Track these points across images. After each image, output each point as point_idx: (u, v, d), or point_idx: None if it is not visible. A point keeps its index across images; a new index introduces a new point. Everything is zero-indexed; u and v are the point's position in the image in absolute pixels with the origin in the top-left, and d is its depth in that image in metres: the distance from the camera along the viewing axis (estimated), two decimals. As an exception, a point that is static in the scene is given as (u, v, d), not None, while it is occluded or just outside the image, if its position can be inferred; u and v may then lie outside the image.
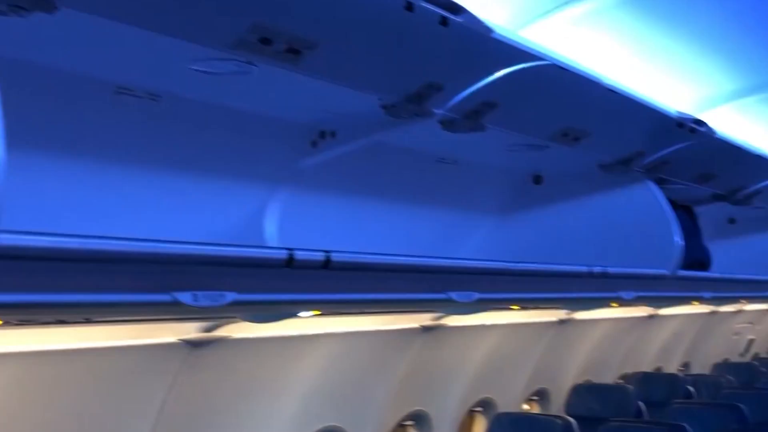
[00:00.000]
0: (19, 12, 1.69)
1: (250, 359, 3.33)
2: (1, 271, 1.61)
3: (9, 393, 2.47)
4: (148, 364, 2.92)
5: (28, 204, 1.95)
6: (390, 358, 3.86)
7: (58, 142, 2.25)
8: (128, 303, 1.88)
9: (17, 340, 2.36)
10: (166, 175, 2.60)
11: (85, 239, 1.72)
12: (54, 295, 1.73)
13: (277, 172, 2.93)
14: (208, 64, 2.19)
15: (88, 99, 2.24)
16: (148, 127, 2.44)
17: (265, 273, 2.19)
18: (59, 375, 2.58)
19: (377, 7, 2.08)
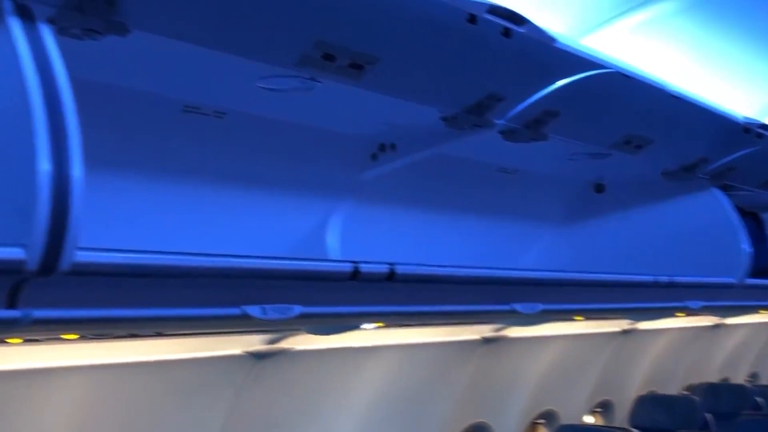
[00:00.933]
0: (94, 36, 1.74)
1: (313, 371, 3.36)
2: (78, 287, 1.67)
3: (84, 404, 2.54)
4: (214, 376, 2.97)
5: (100, 221, 2.00)
6: (451, 369, 3.85)
7: (127, 160, 2.31)
8: (199, 317, 1.91)
9: (91, 353, 2.43)
10: (231, 190, 2.65)
11: (157, 255, 1.77)
12: (128, 310, 1.78)
13: (339, 186, 2.95)
14: (273, 81, 2.22)
15: (156, 118, 2.30)
16: (214, 143, 2.49)
17: (330, 286, 2.21)
18: (131, 387, 2.64)
19: (439, 21, 2.09)
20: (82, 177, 1.54)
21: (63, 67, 1.56)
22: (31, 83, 1.52)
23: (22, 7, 1.58)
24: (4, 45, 1.55)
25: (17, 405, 2.47)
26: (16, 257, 1.51)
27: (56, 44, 1.58)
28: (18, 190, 1.53)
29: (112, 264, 1.66)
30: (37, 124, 1.51)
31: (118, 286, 1.74)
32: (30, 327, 1.63)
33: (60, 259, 1.55)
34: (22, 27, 1.56)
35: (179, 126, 2.37)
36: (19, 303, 1.60)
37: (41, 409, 2.51)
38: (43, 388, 2.48)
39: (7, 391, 2.38)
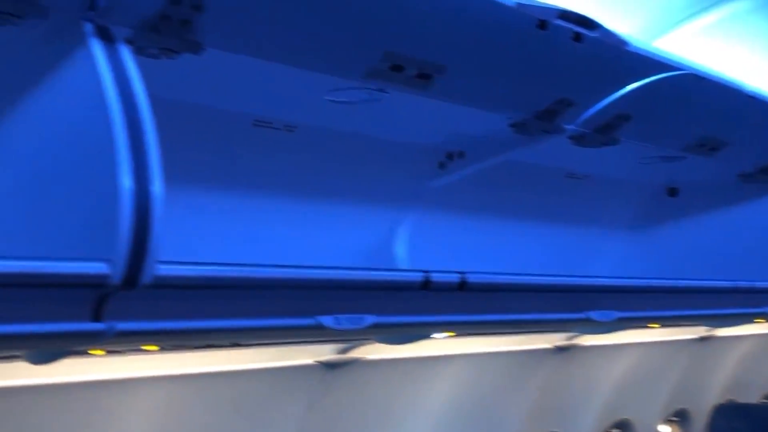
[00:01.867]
0: (170, 54, 1.79)
1: (384, 380, 3.37)
2: (159, 300, 1.71)
3: (163, 414, 2.60)
4: (287, 386, 3.01)
5: (177, 234, 2.05)
6: (522, 379, 3.81)
7: (201, 175, 2.36)
8: (274, 327, 1.94)
9: (170, 364, 2.49)
10: (302, 203, 2.68)
11: (233, 267, 1.80)
12: (206, 322, 1.82)
13: (407, 195, 2.96)
14: (342, 93, 2.25)
15: (228, 133, 2.34)
16: (285, 157, 2.53)
17: (401, 295, 2.21)
18: (208, 396, 2.70)
19: (509, 28, 2.08)
20: (163, 192, 1.58)
21: (142, 85, 1.61)
22: (112, 102, 1.57)
23: (103, 29, 1.64)
24: (86, 66, 1.61)
25: (100, 415, 2.55)
26: (101, 272, 1.56)
27: (135, 64, 1.63)
28: (101, 206, 1.58)
29: (191, 277, 1.70)
30: (118, 141, 1.55)
31: (197, 298, 1.78)
32: (114, 339, 1.68)
33: (142, 272, 1.59)
34: (102, 48, 1.62)
35: (251, 140, 2.42)
36: (103, 316, 1.65)
37: (123, 418, 2.58)
38: (124, 398, 2.55)
39: (90, 400, 2.46)
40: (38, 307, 1.59)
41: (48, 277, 1.54)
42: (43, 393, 2.40)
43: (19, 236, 1.80)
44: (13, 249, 1.80)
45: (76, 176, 1.64)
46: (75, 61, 1.63)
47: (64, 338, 1.66)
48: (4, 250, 1.83)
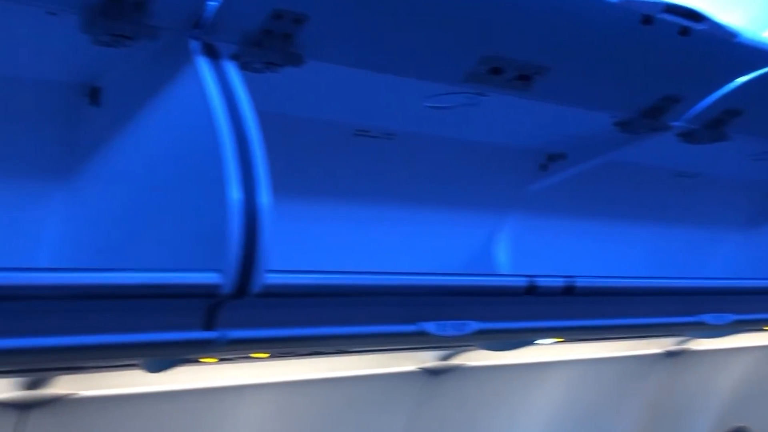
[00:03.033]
0: (273, 68, 1.83)
1: (487, 387, 3.34)
2: (269, 308, 1.75)
3: (271, 420, 2.66)
4: (392, 392, 3.02)
5: (283, 244, 2.09)
6: (631, 385, 3.70)
7: (304, 186, 2.40)
8: (378, 334, 1.95)
9: (277, 371, 2.54)
10: (401, 209, 2.69)
11: (339, 275, 1.82)
12: (315, 329, 1.84)
13: (507, 199, 2.92)
14: (441, 99, 2.24)
15: (329, 143, 2.37)
16: (385, 165, 2.54)
17: (505, 301, 2.18)
18: (315, 403, 2.74)
19: (611, 25, 2.02)
20: (271, 203, 1.61)
21: (248, 100, 1.65)
22: (219, 117, 1.62)
23: (209, 46, 1.69)
24: (194, 82, 1.66)
25: (211, 420, 2.62)
26: (212, 281, 1.61)
27: (240, 79, 1.68)
28: (211, 218, 1.63)
29: (298, 285, 1.73)
30: (226, 154, 1.60)
31: (304, 306, 1.81)
32: (226, 347, 1.73)
33: (252, 281, 1.63)
34: (209, 64, 1.67)
35: (351, 150, 2.44)
36: (216, 325, 1.70)
37: (232, 424, 2.65)
38: (234, 404, 2.62)
39: (202, 407, 2.54)
40: (153, 316, 1.65)
41: (162, 287, 1.60)
42: (158, 400, 2.49)
43: (133, 248, 1.88)
44: (127, 261, 1.88)
45: (186, 189, 1.69)
46: (183, 78, 1.69)
47: (178, 346, 1.72)
48: (118, 262, 1.91)
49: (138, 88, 1.82)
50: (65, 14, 1.60)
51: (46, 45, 1.76)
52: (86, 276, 1.55)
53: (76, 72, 1.94)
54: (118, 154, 1.92)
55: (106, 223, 1.98)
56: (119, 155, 1.91)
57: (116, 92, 1.93)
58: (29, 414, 2.38)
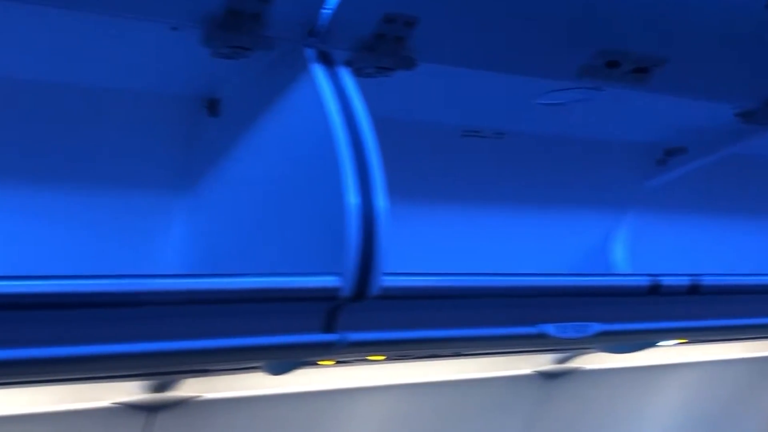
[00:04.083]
0: (385, 72, 1.84)
1: (604, 391, 3.25)
2: (386, 310, 1.76)
3: (387, 423, 2.68)
4: (507, 396, 2.99)
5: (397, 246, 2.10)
6: (759, 388, 3.52)
7: (414, 189, 2.41)
8: (496, 336, 1.93)
9: (393, 373, 2.55)
10: (513, 209, 2.65)
11: (456, 277, 1.81)
12: (432, 331, 1.84)
13: (623, 196, 2.84)
14: (553, 96, 2.20)
15: (438, 145, 2.37)
16: (494, 165, 2.51)
17: (627, 301, 2.12)
18: (430, 406, 2.74)
19: (733, 10, 1.93)
20: (387, 207, 1.62)
21: (363, 105, 1.67)
22: (335, 123, 1.64)
23: (323, 54, 1.72)
24: (310, 89, 1.69)
25: (328, 422, 2.66)
26: (332, 285, 1.63)
27: (355, 84, 1.69)
28: (329, 223, 1.65)
29: (416, 287, 1.73)
30: (343, 160, 1.62)
31: (422, 309, 1.81)
32: (346, 349, 1.75)
33: (370, 284, 1.64)
34: (324, 71, 1.69)
35: (460, 151, 2.43)
36: (336, 327, 1.72)
37: (348, 426, 2.68)
38: (350, 406, 2.65)
39: (319, 409, 2.58)
40: (275, 320, 1.69)
41: (284, 291, 1.63)
42: (277, 402, 2.55)
43: (253, 254, 1.92)
44: (247, 267, 1.92)
45: (304, 195, 1.72)
46: (299, 86, 1.72)
47: (300, 349, 1.75)
48: (239, 268, 1.96)
49: (255, 97, 1.87)
50: (187, 29, 1.66)
51: (168, 59, 1.83)
52: (211, 281, 1.60)
53: (195, 85, 2.01)
54: (237, 162, 1.97)
55: (226, 229, 2.04)
56: (238, 163, 1.97)
57: (234, 102, 1.98)
58: (156, 415, 2.47)
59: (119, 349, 1.55)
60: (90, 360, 1.54)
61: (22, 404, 2.25)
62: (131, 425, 2.46)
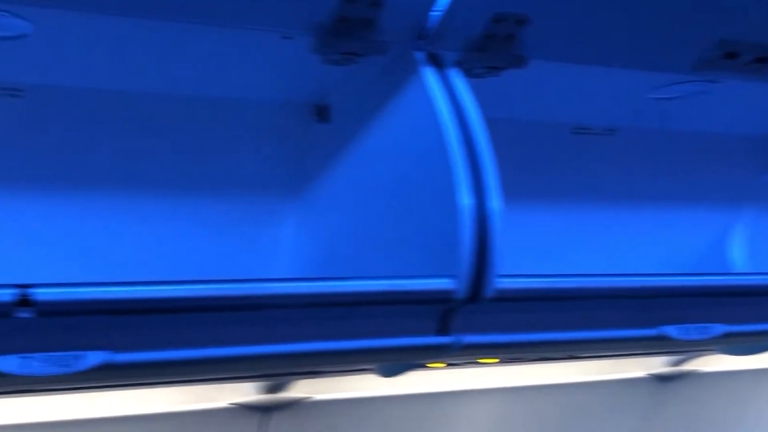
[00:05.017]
0: (494, 72, 1.83)
1: (722, 394, 3.12)
2: (501, 313, 1.74)
3: (494, 426, 2.65)
4: (618, 399, 2.91)
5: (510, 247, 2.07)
6: None
7: (523, 188, 2.38)
8: (615, 339, 1.88)
9: (501, 376, 2.53)
10: (624, 207, 2.59)
11: (571, 278, 1.77)
12: (546, 334, 1.81)
13: (740, 192, 2.72)
14: (667, 90, 2.13)
15: (548, 143, 2.33)
16: (605, 162, 2.45)
17: (752, 302, 2.03)
18: (539, 409, 2.69)
19: None
20: (502, 209, 1.61)
21: (475, 105, 1.66)
22: (447, 125, 1.63)
23: (433, 56, 1.72)
24: (421, 92, 1.69)
25: (438, 425, 2.66)
26: (446, 287, 1.63)
27: (466, 85, 1.69)
28: (442, 225, 1.64)
29: (531, 289, 1.70)
30: (455, 162, 1.61)
31: (536, 311, 1.78)
32: (460, 352, 1.74)
33: (484, 287, 1.63)
34: (434, 74, 1.69)
35: (569, 149, 2.38)
36: (449, 330, 1.72)
37: (458, 429, 2.67)
38: (460, 409, 2.64)
39: (429, 411, 2.58)
40: (389, 322, 1.70)
41: (398, 294, 1.64)
42: (387, 403, 2.56)
43: (364, 258, 1.94)
44: (358, 270, 1.94)
45: (416, 198, 1.72)
46: (410, 89, 1.73)
47: (414, 351, 1.75)
48: (349, 272, 1.98)
49: (365, 102, 1.88)
50: (298, 37, 1.69)
51: (280, 68, 1.87)
52: (326, 285, 1.62)
53: (305, 92, 2.04)
54: (347, 167, 2.00)
55: (337, 233, 2.06)
56: (349, 169, 1.99)
57: (344, 108, 2.01)
58: (270, 416, 2.53)
59: (238, 352, 1.59)
60: (210, 362, 1.59)
61: (144, 404, 2.34)
62: (246, 425, 2.52)
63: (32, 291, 1.34)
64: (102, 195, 1.97)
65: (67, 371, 1.44)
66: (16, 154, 1.86)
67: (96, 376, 1.48)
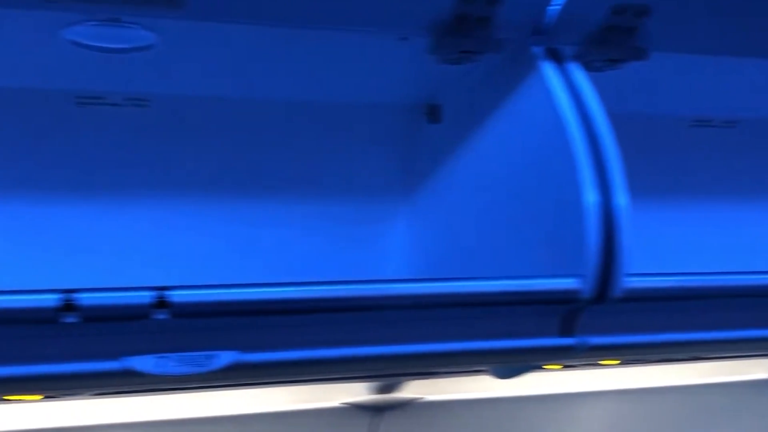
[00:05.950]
0: (614, 65, 1.78)
1: None
2: (627, 313, 1.69)
3: (616, 428, 2.59)
4: (738, 402, 2.79)
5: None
6: None
7: (641, 182, 2.30)
8: (748, 339, 1.80)
9: (622, 378, 2.46)
10: (746, 201, 2.48)
11: (703, 276, 1.71)
12: (674, 334, 1.75)
13: None
14: (794, 77, 2.03)
15: (666, 137, 2.26)
16: (725, 155, 2.36)
17: None
18: (660, 412, 2.61)
19: None
20: (629, 204, 1.56)
21: (597, 99, 1.62)
22: (569, 120, 1.60)
23: (552, 51, 1.69)
24: (540, 87, 1.66)
25: (550, 427, 2.61)
26: (571, 287, 1.59)
27: (587, 79, 1.65)
28: (566, 223, 1.61)
29: (660, 288, 1.65)
30: (579, 157, 1.58)
31: (664, 310, 1.72)
32: (584, 353, 1.70)
33: (611, 286, 1.59)
34: (554, 68, 1.66)
35: (688, 142, 2.30)
36: (574, 331, 1.68)
37: (570, 430, 2.62)
38: (573, 411, 2.58)
39: (543, 414, 2.53)
40: (509, 323, 1.67)
41: (521, 294, 1.61)
42: (500, 405, 2.53)
43: (478, 257, 1.92)
44: (470, 271, 1.93)
45: (537, 196, 1.69)
46: (528, 85, 1.70)
47: (537, 353, 1.72)
48: (461, 272, 1.97)
49: (479, 100, 1.87)
50: (415, 37, 1.68)
51: (393, 69, 1.87)
52: (446, 285, 1.61)
53: (416, 92, 2.04)
54: (460, 166, 1.98)
55: (450, 234, 2.05)
56: (462, 168, 1.97)
57: (456, 107, 2.00)
58: (382, 416, 2.54)
59: (360, 352, 1.60)
60: (332, 362, 1.60)
61: (256, 403, 2.39)
62: (357, 425, 2.54)
63: (169, 293, 1.38)
64: (222, 201, 2.02)
65: (200, 371, 1.48)
66: (142, 163, 1.93)
67: (225, 375, 1.51)
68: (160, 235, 1.96)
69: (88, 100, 1.87)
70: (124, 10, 1.54)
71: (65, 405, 2.17)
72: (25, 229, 1.84)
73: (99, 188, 1.89)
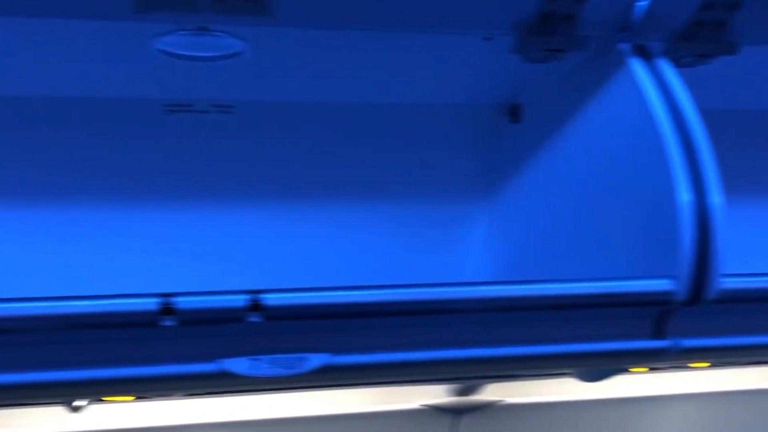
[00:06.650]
0: (704, 60, 1.74)
1: None
2: (720, 315, 1.64)
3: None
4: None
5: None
6: None
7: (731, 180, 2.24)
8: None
9: (709, 380, 2.40)
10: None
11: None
12: (762, 337, 1.70)
13: None
14: None
15: (758, 133, 2.19)
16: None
17: None
18: (746, 415, 2.54)
19: None
20: (723, 203, 1.52)
21: (688, 96, 1.58)
22: (660, 117, 1.56)
23: (640, 47, 1.66)
24: (629, 84, 1.63)
25: (634, 428, 2.56)
26: (664, 288, 1.55)
27: (677, 75, 1.61)
28: (658, 223, 1.57)
29: (758, 289, 1.60)
30: (671, 155, 1.54)
31: (759, 311, 1.67)
32: (677, 356, 1.66)
33: (706, 287, 1.55)
34: (643, 65, 1.63)
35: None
36: (666, 333, 1.64)
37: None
38: (658, 414, 2.53)
39: (629, 417, 2.49)
40: (599, 326, 1.64)
41: (612, 296, 1.58)
42: (583, 408, 2.49)
43: (566, 258, 1.89)
44: (559, 272, 1.90)
45: (626, 195, 1.66)
46: (615, 83, 1.67)
47: (628, 356, 1.68)
48: (542, 274, 1.94)
49: (563, 99, 1.84)
50: (500, 37, 1.67)
51: (477, 70, 1.86)
52: (533, 288, 1.59)
53: (497, 92, 2.02)
54: (542, 166, 1.96)
55: (532, 235, 2.03)
56: (545, 168, 1.95)
57: (539, 106, 1.97)
58: (461, 418, 2.53)
59: (447, 355, 1.59)
60: (414, 365, 1.60)
61: (338, 405, 2.40)
62: (437, 427, 2.53)
63: (263, 296, 1.40)
64: (305, 203, 2.04)
65: (292, 373, 1.50)
66: (228, 168, 1.96)
67: (315, 377, 1.52)
68: (246, 238, 1.99)
69: (177, 108, 1.91)
70: (213, 19, 1.57)
71: (154, 405, 2.23)
72: (118, 235, 1.90)
73: (189, 194, 1.93)
